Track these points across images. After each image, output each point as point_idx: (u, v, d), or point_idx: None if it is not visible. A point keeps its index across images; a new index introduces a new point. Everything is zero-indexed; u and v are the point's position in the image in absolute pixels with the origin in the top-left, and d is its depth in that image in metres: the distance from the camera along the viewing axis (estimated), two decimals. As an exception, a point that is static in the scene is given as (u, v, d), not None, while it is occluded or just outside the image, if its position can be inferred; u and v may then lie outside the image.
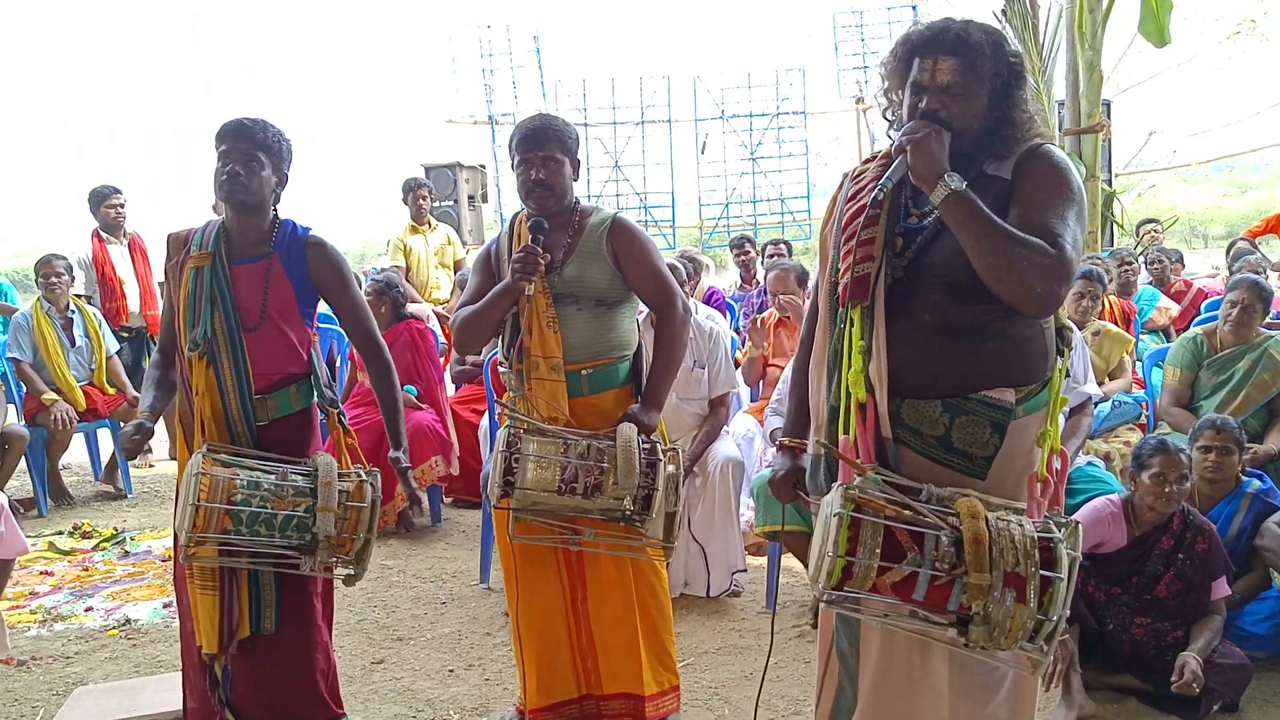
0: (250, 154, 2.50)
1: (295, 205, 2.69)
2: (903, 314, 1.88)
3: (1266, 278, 5.76)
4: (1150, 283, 6.83)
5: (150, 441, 2.66)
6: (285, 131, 2.60)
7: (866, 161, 2.07)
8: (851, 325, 1.89)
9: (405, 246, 7.30)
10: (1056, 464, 1.94)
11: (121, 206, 6.34)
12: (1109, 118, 7.66)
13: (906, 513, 1.73)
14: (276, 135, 2.55)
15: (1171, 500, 3.04)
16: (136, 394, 5.90)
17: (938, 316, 1.86)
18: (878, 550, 1.68)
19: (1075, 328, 4.10)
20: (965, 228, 1.78)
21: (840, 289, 1.93)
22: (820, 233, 2.13)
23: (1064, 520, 1.79)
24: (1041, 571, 1.67)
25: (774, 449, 3.94)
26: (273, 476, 2.37)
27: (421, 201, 7.38)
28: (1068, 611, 1.69)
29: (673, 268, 3.22)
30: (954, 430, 1.86)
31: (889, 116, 2.03)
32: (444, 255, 7.54)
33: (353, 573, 2.49)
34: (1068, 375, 2.00)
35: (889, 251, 1.91)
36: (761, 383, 4.89)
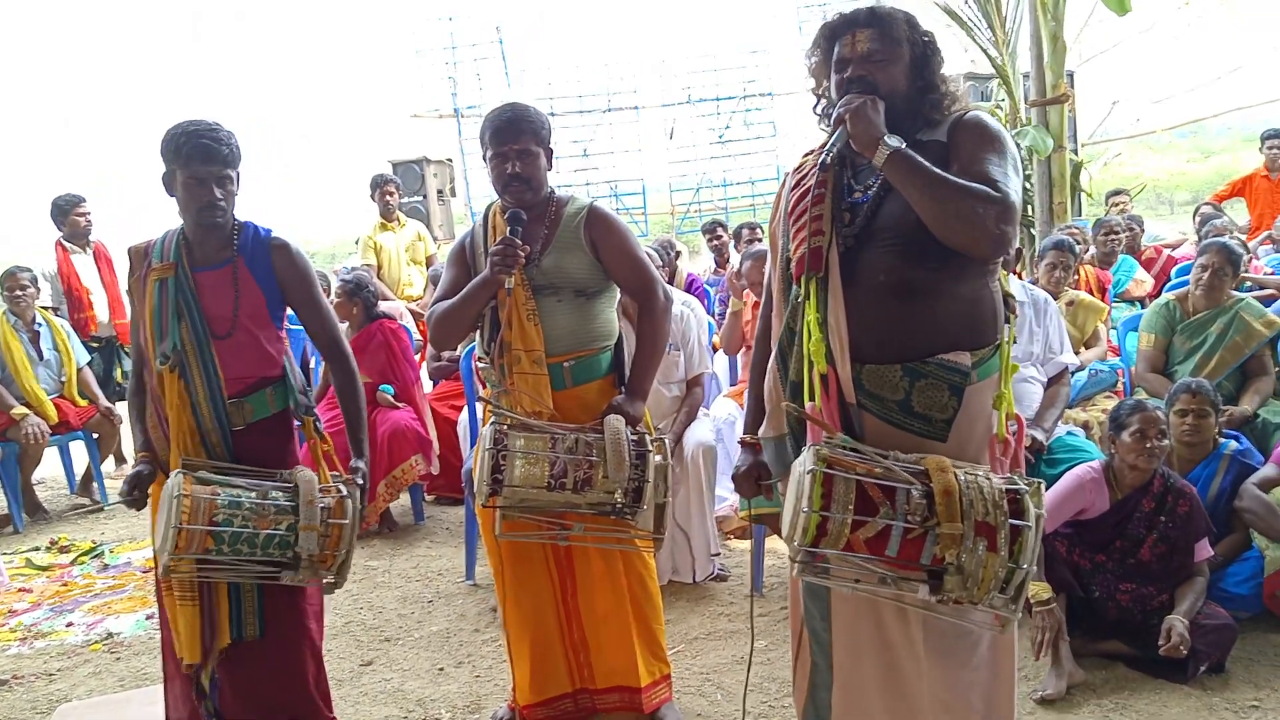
0: (222, 175, 2.45)
1: (264, 206, 2.63)
2: (858, 280, 1.94)
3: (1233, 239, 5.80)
4: (1121, 250, 6.88)
5: (125, 450, 2.62)
6: (235, 133, 2.53)
7: (806, 155, 2.15)
8: (808, 299, 1.95)
9: (375, 244, 7.25)
10: (1013, 427, 2.01)
11: (90, 214, 6.25)
12: (1073, 88, 7.69)
13: (877, 470, 1.76)
14: (237, 144, 2.49)
15: (1153, 457, 3.06)
16: (109, 405, 5.83)
17: (893, 276, 1.92)
18: (851, 505, 1.72)
19: (1050, 298, 4.12)
20: (909, 182, 1.85)
21: (794, 264, 1.99)
22: (769, 228, 2.22)
23: (1028, 481, 1.82)
24: (1011, 520, 1.72)
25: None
26: (253, 494, 2.33)
27: (389, 198, 7.33)
28: (1035, 568, 1.74)
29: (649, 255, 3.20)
30: (914, 394, 1.91)
31: (819, 112, 2.13)
32: (415, 251, 7.48)
33: (332, 582, 2.46)
34: (1015, 342, 2.07)
35: (838, 225, 1.98)
36: (741, 365, 4.89)
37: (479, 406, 2.82)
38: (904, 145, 1.87)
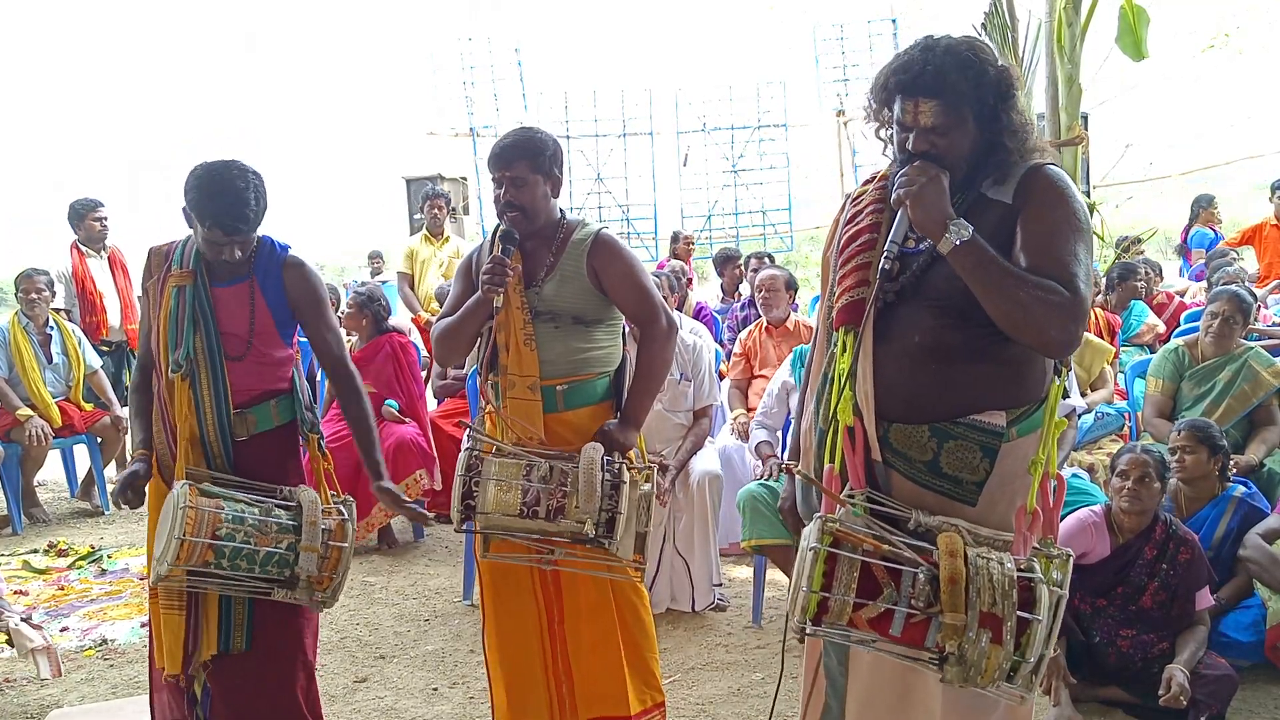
0: (244, 241, 2.48)
1: (274, 218, 2.65)
2: (893, 337, 1.88)
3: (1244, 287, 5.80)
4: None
5: (128, 455, 2.63)
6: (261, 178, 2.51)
7: (866, 183, 2.09)
8: (842, 351, 1.89)
9: (414, 254, 7.25)
10: (1052, 488, 1.91)
11: (106, 220, 6.29)
12: (1087, 130, 7.71)
13: (885, 547, 1.71)
14: (262, 202, 2.48)
15: (1136, 499, 3.05)
16: (119, 413, 5.83)
17: (928, 338, 1.85)
18: (853, 586, 1.67)
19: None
20: (976, 276, 1.77)
21: (834, 313, 1.94)
22: (823, 255, 2.15)
23: (1055, 552, 1.75)
24: (1019, 613, 1.65)
25: (759, 461, 3.96)
26: (256, 511, 2.34)
27: (437, 212, 7.31)
28: (1049, 652, 1.67)
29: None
30: (943, 455, 1.85)
31: (881, 136, 2.01)
32: (450, 268, 7.46)
33: (322, 601, 2.45)
34: (1066, 396, 1.98)
35: (884, 276, 1.90)
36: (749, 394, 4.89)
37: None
38: (971, 232, 1.76)
